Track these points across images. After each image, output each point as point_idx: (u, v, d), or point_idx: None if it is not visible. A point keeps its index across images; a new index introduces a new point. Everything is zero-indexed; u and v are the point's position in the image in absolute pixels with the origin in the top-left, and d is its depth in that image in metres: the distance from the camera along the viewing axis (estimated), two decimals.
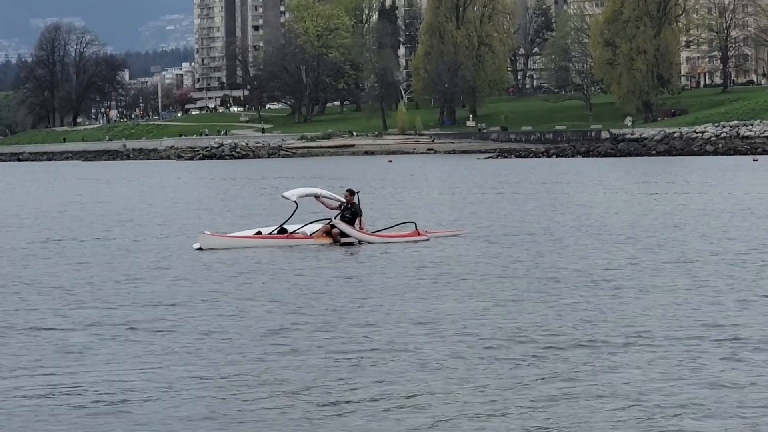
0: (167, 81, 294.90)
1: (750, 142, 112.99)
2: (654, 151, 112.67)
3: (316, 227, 27.69)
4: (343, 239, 27.00)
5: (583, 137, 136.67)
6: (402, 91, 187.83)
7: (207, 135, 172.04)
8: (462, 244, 27.00)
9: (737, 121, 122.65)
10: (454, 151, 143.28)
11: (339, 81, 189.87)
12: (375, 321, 15.90)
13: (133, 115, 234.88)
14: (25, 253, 26.50)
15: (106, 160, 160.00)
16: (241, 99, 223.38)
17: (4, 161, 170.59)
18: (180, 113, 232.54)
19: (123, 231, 32.80)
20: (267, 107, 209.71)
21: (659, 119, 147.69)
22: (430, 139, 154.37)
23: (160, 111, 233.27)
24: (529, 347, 13.75)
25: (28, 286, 20.36)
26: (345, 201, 27.89)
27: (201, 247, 26.29)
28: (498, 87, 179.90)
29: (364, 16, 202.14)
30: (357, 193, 28.00)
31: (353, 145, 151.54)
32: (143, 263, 23.83)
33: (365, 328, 15.35)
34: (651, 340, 14.16)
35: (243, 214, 39.54)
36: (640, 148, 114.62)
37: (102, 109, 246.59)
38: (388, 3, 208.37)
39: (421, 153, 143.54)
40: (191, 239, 27.90)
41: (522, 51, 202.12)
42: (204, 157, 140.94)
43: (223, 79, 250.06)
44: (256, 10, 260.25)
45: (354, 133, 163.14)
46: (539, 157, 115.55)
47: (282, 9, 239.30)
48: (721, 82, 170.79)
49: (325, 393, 11.50)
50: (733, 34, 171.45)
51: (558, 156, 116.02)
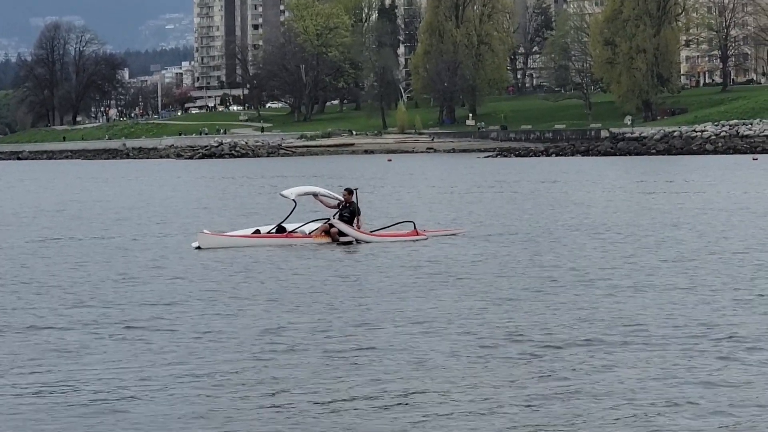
0: (167, 80, 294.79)
1: (749, 141, 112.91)
2: (653, 150, 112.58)
3: (314, 226, 27.70)
4: (342, 238, 26.99)
5: (583, 136, 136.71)
6: (401, 90, 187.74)
7: (206, 134, 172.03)
8: (460, 243, 27.01)
9: (737, 120, 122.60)
10: (453, 150, 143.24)
11: (338, 80, 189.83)
12: (372, 320, 15.92)
13: (133, 114, 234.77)
14: (24, 252, 26.52)
15: (105, 159, 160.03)
16: (241, 98, 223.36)
17: (3, 160, 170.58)
18: (179, 112, 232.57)
19: (122, 230, 32.82)
20: (267, 106, 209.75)
21: (659, 118, 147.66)
22: (429, 138, 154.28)
23: (159, 110, 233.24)
24: (527, 346, 13.78)
25: (26, 284, 20.38)
26: (343, 200, 27.88)
27: (200, 246, 26.30)
28: (497, 86, 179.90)
29: (363, 14, 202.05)
30: (355, 191, 27.99)
31: (353, 144, 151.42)
32: (142, 262, 23.85)
33: (362, 326, 15.37)
34: (647, 338, 14.18)
35: (242, 213, 39.55)
36: (639, 147, 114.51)
37: (101, 108, 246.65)
38: (387, 2, 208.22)
39: (421, 152, 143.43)
40: (190, 238, 27.93)
41: (521, 50, 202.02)
42: (203, 156, 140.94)
43: (223, 78, 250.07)
44: (255, 9, 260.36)
45: (353, 132, 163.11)
46: (539, 156, 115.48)
47: (281, 8, 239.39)
48: (721, 81, 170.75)
49: (322, 391, 11.52)
50: (733, 33, 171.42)
51: (557, 155, 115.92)
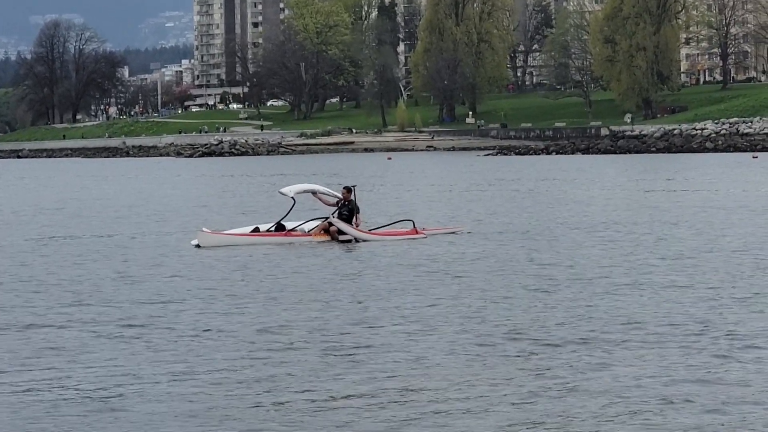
0: (167, 78, 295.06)
1: (749, 139, 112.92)
2: (653, 148, 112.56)
3: (314, 224, 27.68)
4: (341, 237, 26.98)
5: (583, 134, 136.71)
6: (401, 88, 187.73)
7: (206, 132, 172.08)
8: (459, 241, 27.02)
9: (737, 118, 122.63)
10: (453, 148, 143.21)
11: (338, 78, 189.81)
12: (370, 318, 15.94)
13: (133, 112, 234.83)
14: (23, 250, 26.52)
15: (105, 157, 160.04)
16: (241, 96, 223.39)
17: (3, 158, 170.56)
18: (179, 110, 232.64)
19: (121, 228, 32.83)
20: (267, 104, 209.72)
21: (659, 116, 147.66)
22: (429, 136, 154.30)
23: (159, 108, 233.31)
24: (525, 344, 13.80)
25: (25, 282, 20.39)
26: (342, 198, 27.87)
27: (199, 244, 26.30)
28: (497, 84, 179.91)
29: (363, 12, 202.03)
30: (354, 188, 27.99)
31: (353, 143, 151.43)
32: (141, 260, 23.85)
33: (361, 325, 15.39)
34: (645, 336, 14.19)
35: (241, 211, 39.56)
36: (639, 145, 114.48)
37: (101, 106, 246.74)
38: (387, 0, 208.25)
39: (421, 150, 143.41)
40: (189, 236, 27.93)
41: (521, 48, 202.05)
42: (203, 154, 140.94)
43: (223, 76, 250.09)
44: (255, 6, 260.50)
45: (353, 130, 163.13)
46: (539, 155, 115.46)
47: (281, 6, 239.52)
48: (721, 79, 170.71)
49: (320, 389, 11.53)
50: (733, 30, 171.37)
51: (557, 153, 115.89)
